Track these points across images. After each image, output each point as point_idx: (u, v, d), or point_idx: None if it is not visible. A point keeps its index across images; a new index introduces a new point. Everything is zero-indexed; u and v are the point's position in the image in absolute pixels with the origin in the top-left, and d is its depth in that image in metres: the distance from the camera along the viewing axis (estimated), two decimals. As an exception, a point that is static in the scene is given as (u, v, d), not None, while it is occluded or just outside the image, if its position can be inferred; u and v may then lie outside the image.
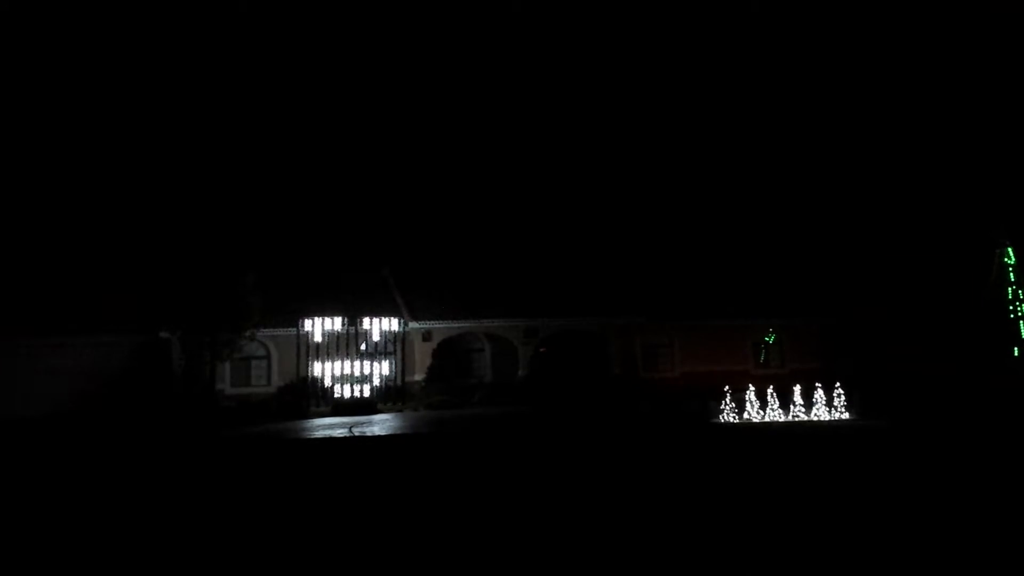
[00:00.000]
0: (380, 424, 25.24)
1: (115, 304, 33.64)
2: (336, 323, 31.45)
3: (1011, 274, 33.84)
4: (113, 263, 38.89)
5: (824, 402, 25.01)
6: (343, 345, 31.55)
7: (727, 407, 24.63)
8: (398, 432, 23.01)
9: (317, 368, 31.25)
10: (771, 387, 26.03)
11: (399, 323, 32.49)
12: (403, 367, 32.48)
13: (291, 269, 37.01)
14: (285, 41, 63.08)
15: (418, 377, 32.04)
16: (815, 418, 24.63)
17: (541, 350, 33.81)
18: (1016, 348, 32.65)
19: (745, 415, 24.67)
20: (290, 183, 57.41)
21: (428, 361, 32.19)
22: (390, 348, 32.43)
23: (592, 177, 63.97)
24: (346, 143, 62.24)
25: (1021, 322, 32.73)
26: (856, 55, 61.93)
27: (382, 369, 31.84)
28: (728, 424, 23.72)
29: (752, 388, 25.66)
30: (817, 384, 25.78)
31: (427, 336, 32.36)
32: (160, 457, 19.20)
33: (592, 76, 68.76)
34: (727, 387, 25.61)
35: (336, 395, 30.96)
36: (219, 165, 34.63)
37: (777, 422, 24.33)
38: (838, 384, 25.59)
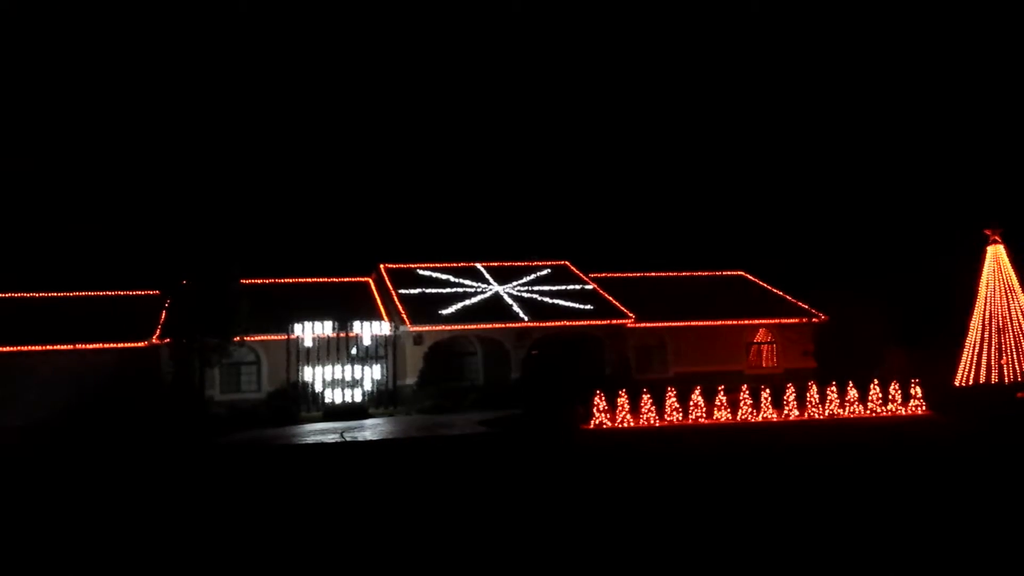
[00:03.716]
0: (372, 429, 25.01)
1: (102, 311, 33.34)
2: (326, 327, 31.19)
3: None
4: (100, 269, 38.56)
5: (818, 401, 24.89)
6: (334, 350, 31.29)
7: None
8: (390, 437, 22.79)
9: (308, 373, 30.97)
10: (763, 386, 25.74)
11: (390, 327, 32.24)
12: (394, 371, 32.21)
13: (281, 274, 36.76)
14: (285, 41, 62.79)
15: (410, 381, 31.77)
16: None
17: (533, 352, 33.58)
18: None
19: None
20: (279, 188, 57.15)
21: (420, 365, 31.90)
22: (381, 352, 32.18)
23: (585, 177, 63.90)
24: (336, 147, 62.02)
25: None
26: (853, 54, 62.03)
27: (373, 373, 31.58)
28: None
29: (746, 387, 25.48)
30: (811, 383, 25.68)
31: (418, 340, 32.09)
32: (148, 465, 18.94)
33: (588, 75, 68.70)
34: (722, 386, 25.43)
35: (327, 400, 30.68)
36: (206, 170, 34.36)
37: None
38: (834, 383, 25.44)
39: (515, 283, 36.64)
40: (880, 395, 24.99)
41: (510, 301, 34.66)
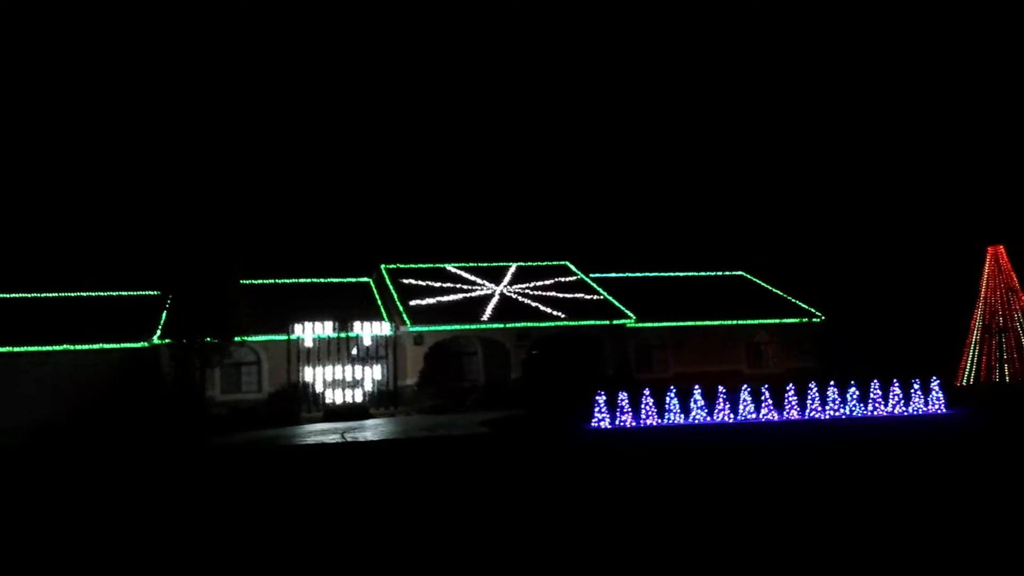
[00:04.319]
0: (373, 429, 24.97)
1: (103, 311, 33.35)
2: (327, 328, 31.19)
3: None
4: (102, 270, 38.54)
5: (819, 401, 24.82)
6: (334, 350, 31.29)
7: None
8: (391, 437, 22.78)
9: (308, 373, 30.98)
10: (765, 386, 25.65)
11: (391, 327, 32.24)
12: (395, 371, 32.21)
13: (281, 274, 36.78)
14: (285, 41, 62.76)
15: (410, 381, 31.76)
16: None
17: (533, 353, 33.56)
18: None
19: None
20: (280, 188, 57.16)
21: (420, 365, 31.89)
22: (382, 352, 32.19)
23: (586, 177, 63.87)
24: (336, 147, 62.01)
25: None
26: (853, 54, 62.00)
27: (374, 374, 31.59)
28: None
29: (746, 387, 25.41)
30: (811, 383, 25.60)
31: (419, 340, 32.07)
32: (148, 465, 18.92)
33: (588, 74, 68.66)
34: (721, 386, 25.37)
35: (328, 400, 30.70)
36: (206, 171, 34.36)
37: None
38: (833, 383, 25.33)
39: (516, 283, 36.63)
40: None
41: (511, 301, 34.66)
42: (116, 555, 10.02)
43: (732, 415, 24.33)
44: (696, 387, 24.93)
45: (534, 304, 34.48)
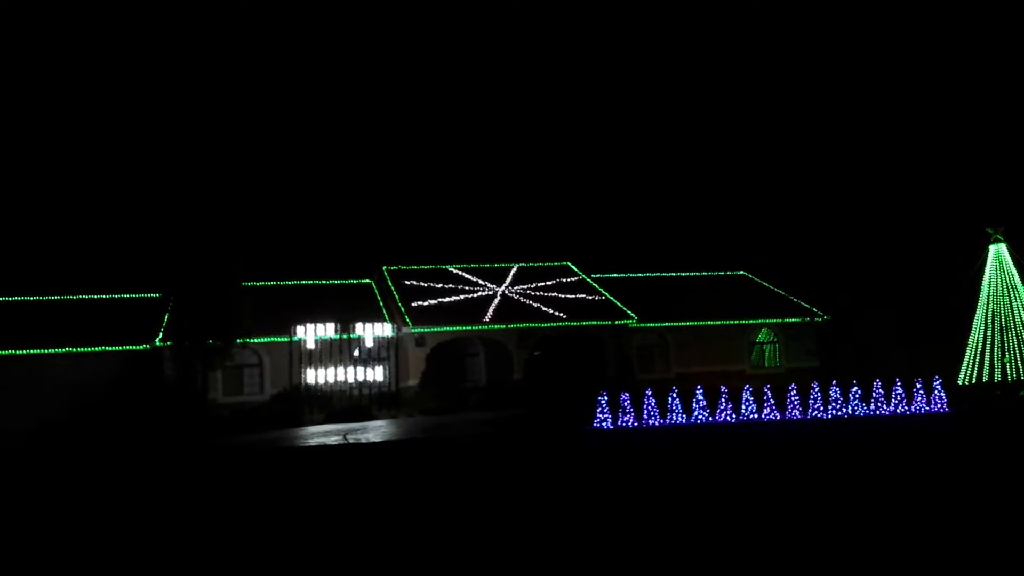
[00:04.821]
0: (375, 431, 24.97)
1: (105, 314, 33.38)
2: (329, 329, 31.19)
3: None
4: (103, 272, 38.59)
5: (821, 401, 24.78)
6: (336, 352, 31.29)
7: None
8: (393, 439, 22.77)
9: (310, 375, 30.98)
10: (767, 386, 25.60)
11: (392, 328, 32.23)
12: (397, 373, 32.20)
13: (283, 275, 36.80)
14: (285, 41, 62.80)
15: (412, 382, 31.77)
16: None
17: (535, 353, 33.56)
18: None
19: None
20: (282, 190, 57.22)
21: (422, 366, 31.89)
22: (383, 354, 32.18)
23: (587, 177, 63.90)
24: (338, 148, 62.05)
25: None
26: (853, 54, 62.00)
27: (376, 375, 31.59)
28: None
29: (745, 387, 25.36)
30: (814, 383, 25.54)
31: (420, 341, 32.08)
32: (150, 467, 18.93)
33: (588, 74, 68.67)
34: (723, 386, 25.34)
35: (330, 402, 30.69)
36: (207, 172, 34.38)
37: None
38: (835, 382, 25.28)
39: (517, 284, 36.63)
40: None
41: (512, 302, 34.65)
42: (118, 556, 10.02)
43: (734, 415, 24.32)
44: (698, 387, 24.91)
45: (536, 305, 34.46)
